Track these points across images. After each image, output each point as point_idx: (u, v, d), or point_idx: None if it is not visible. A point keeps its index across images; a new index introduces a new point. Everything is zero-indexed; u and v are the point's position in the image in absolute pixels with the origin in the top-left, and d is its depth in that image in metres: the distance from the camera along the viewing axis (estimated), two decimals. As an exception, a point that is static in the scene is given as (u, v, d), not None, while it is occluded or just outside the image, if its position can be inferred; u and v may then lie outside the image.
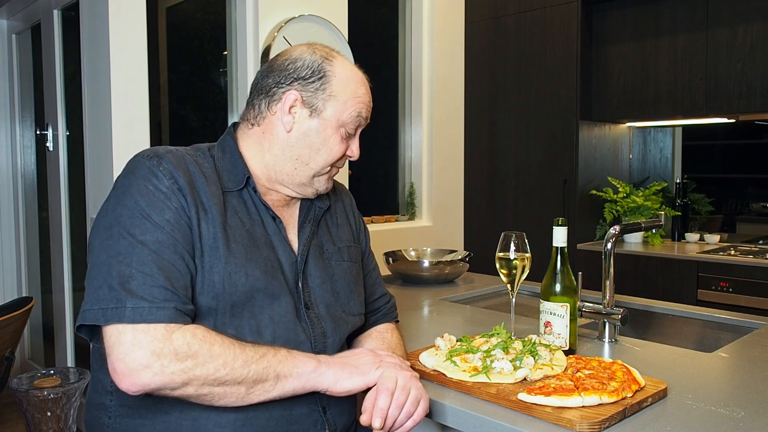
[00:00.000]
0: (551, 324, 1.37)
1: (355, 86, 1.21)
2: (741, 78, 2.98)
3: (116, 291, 0.98)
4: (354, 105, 1.20)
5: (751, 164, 3.77)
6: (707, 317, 1.80)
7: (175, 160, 1.11)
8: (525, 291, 2.20)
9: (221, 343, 1.00)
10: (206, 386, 0.98)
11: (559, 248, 1.39)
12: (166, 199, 1.06)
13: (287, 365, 1.04)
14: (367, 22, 3.64)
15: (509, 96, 3.64)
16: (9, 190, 3.76)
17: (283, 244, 1.19)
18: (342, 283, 1.28)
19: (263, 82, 1.21)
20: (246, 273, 1.09)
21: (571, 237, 3.25)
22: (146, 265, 1.00)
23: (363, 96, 1.23)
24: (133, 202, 1.04)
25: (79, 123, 2.73)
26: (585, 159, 3.41)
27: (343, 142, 1.21)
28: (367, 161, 3.69)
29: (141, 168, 1.09)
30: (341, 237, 1.34)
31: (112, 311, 0.97)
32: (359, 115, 1.21)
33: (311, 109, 1.18)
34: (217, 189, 1.13)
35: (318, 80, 1.18)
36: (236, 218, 1.13)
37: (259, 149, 1.21)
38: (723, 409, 1.08)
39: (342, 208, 1.40)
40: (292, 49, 1.24)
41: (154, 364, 0.95)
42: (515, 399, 1.08)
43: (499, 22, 3.66)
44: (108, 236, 1.03)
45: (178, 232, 1.05)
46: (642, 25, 3.29)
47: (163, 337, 0.96)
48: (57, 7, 3.02)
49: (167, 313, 0.98)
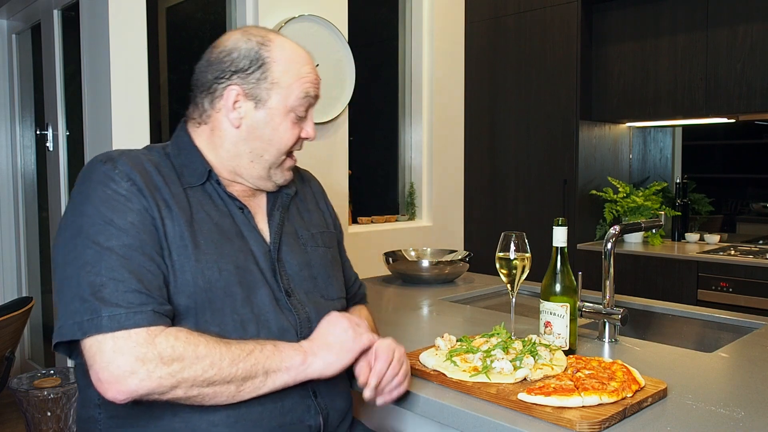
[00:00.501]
0: (551, 324, 1.37)
1: (298, 67, 1.17)
2: (741, 78, 2.98)
3: (89, 302, 0.95)
4: (300, 87, 1.17)
5: (751, 164, 3.77)
6: (707, 317, 1.80)
7: (130, 161, 1.08)
8: (525, 291, 2.20)
9: (206, 344, 0.99)
10: (195, 388, 0.97)
11: (559, 248, 1.39)
12: (127, 202, 1.03)
13: (275, 360, 1.04)
14: (367, 22, 3.64)
15: (509, 96, 3.64)
16: (9, 190, 3.76)
17: (254, 233, 1.17)
18: (319, 268, 1.26)
19: (202, 77, 1.18)
20: (219, 268, 1.07)
21: (571, 237, 3.25)
22: (116, 271, 0.97)
23: (308, 75, 1.19)
24: (94, 209, 1.02)
25: (79, 123, 2.73)
26: (585, 159, 3.41)
27: (295, 127, 1.19)
28: (367, 161, 3.69)
29: (96, 173, 1.06)
30: (313, 223, 1.32)
31: (88, 323, 0.94)
32: (307, 96, 1.18)
33: (256, 101, 1.15)
34: (177, 187, 1.11)
35: (257, 69, 1.15)
36: (202, 213, 1.11)
37: (212, 146, 1.18)
38: (723, 409, 1.08)
39: (311, 194, 1.39)
40: (226, 37, 1.19)
41: (139, 369, 0.93)
42: (515, 399, 1.08)
43: (499, 22, 3.66)
44: (72, 247, 1.00)
45: (144, 234, 1.02)
46: (642, 25, 3.29)
47: (146, 342, 0.94)
48: (57, 7, 3.02)
49: (146, 317, 0.96)
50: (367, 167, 3.69)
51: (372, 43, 3.76)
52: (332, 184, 3.08)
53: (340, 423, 1.21)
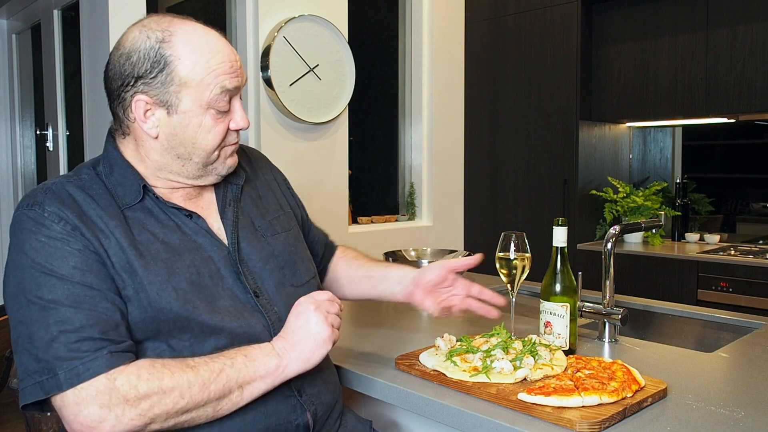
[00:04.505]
0: (551, 324, 1.37)
1: (207, 59, 1.05)
2: (741, 78, 2.98)
3: (44, 361, 0.92)
4: (213, 81, 1.05)
5: (751, 164, 3.77)
6: (707, 317, 1.80)
7: (56, 198, 1.01)
8: (525, 291, 2.20)
9: (171, 375, 0.95)
10: (170, 419, 0.95)
11: (559, 248, 1.39)
12: (65, 245, 0.97)
13: (248, 371, 1.01)
14: (367, 22, 3.64)
15: (509, 96, 3.64)
16: (9, 190, 3.76)
17: (209, 239, 1.11)
18: (284, 257, 1.21)
19: (109, 86, 1.09)
20: (174, 288, 1.02)
21: (571, 237, 3.25)
22: (66, 322, 0.93)
23: (220, 66, 1.06)
24: (30, 262, 0.96)
25: (79, 123, 2.73)
26: (585, 159, 3.41)
27: (220, 122, 1.08)
28: (367, 161, 3.69)
29: (25, 222, 0.99)
30: (268, 209, 1.26)
31: (48, 382, 0.92)
32: (224, 90, 1.06)
33: (167, 107, 1.05)
34: (114, 209, 1.04)
35: (161, 72, 1.03)
36: (146, 233, 1.05)
37: (140, 158, 1.10)
38: (723, 409, 1.08)
39: (262, 178, 1.31)
40: (125, 37, 1.07)
41: (107, 416, 0.91)
42: (515, 399, 1.08)
43: (499, 22, 3.66)
44: (18, 306, 0.96)
45: (90, 275, 0.97)
46: (642, 25, 3.29)
47: (107, 388, 0.91)
48: (57, 7, 3.02)
49: (103, 362, 0.92)
50: (367, 167, 3.69)
51: (372, 43, 3.76)
52: (332, 184, 3.08)
53: (329, 415, 1.20)
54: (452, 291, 1.35)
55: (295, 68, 2.84)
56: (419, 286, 1.34)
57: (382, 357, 1.38)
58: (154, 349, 1.03)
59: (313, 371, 1.10)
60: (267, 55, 2.74)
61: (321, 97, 2.94)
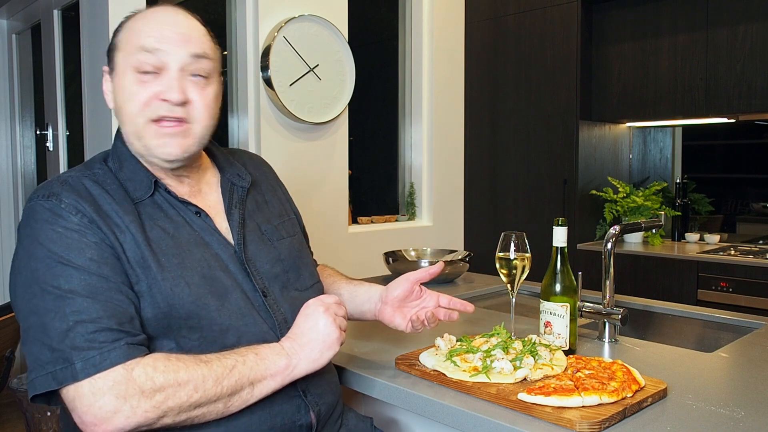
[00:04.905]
0: (551, 324, 1.37)
1: (140, 25, 1.07)
2: (741, 78, 2.98)
3: (59, 351, 0.91)
4: (136, 40, 1.06)
5: (751, 164, 3.77)
6: (707, 317, 1.80)
7: (73, 190, 1.02)
8: (525, 291, 2.20)
9: (186, 368, 0.96)
10: (183, 413, 0.96)
11: (559, 248, 1.39)
12: (82, 237, 0.98)
13: (259, 369, 1.02)
14: (367, 22, 3.64)
15: (509, 96, 3.64)
16: (9, 190, 3.76)
17: (216, 237, 1.13)
18: (290, 261, 1.23)
19: None
20: (186, 282, 1.04)
21: (571, 237, 3.25)
22: (83, 312, 0.93)
23: (145, 29, 1.07)
24: (46, 252, 0.96)
25: (79, 123, 2.73)
26: (585, 159, 3.41)
27: (142, 87, 1.05)
28: (367, 161, 3.69)
29: (41, 212, 0.99)
30: (273, 213, 1.28)
31: (62, 372, 0.91)
32: (143, 49, 1.05)
33: (111, 73, 1.10)
34: (128, 204, 1.06)
35: (113, 40, 1.10)
36: (157, 229, 1.06)
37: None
38: (723, 409, 1.08)
39: (267, 183, 1.33)
40: None
41: (123, 407, 0.90)
42: (515, 399, 1.08)
43: (499, 22, 3.66)
44: (30, 296, 0.95)
45: (105, 267, 0.98)
46: (642, 25, 3.29)
47: (124, 378, 0.91)
48: (57, 7, 3.03)
49: (120, 353, 0.93)
50: (367, 167, 3.69)
51: (372, 43, 3.76)
52: (332, 184, 3.08)
53: (331, 415, 1.21)
54: (421, 303, 1.32)
55: (295, 68, 2.84)
56: (387, 303, 1.31)
57: (382, 357, 1.38)
58: (163, 347, 1.03)
59: (318, 372, 1.11)
60: (267, 55, 2.74)
61: (321, 97, 2.94)
